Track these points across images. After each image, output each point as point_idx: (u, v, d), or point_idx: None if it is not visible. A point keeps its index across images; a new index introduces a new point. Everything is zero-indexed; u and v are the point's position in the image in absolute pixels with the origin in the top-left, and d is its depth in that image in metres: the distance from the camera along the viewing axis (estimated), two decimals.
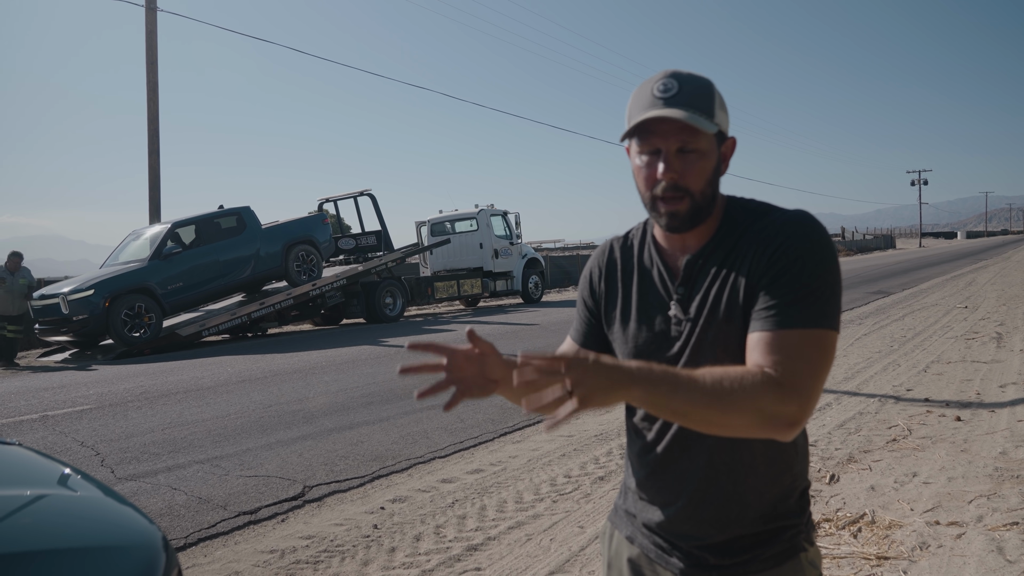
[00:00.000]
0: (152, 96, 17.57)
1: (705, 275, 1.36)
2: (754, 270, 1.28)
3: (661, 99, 1.26)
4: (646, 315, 1.41)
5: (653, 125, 1.27)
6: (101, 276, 13.29)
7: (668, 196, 1.29)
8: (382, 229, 18.52)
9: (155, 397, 8.14)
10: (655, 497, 1.43)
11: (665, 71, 1.31)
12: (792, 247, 1.25)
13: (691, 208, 1.30)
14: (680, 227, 1.32)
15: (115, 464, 5.47)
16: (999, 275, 21.64)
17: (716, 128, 1.28)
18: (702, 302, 1.35)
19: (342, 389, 8.13)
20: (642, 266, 1.45)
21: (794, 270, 1.24)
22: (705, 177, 1.30)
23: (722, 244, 1.36)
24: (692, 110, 1.25)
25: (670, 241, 1.41)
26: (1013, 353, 8.03)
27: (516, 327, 14.13)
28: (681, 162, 1.28)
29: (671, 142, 1.27)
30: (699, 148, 1.28)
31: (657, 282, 1.41)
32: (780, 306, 1.23)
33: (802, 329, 1.21)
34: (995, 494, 3.81)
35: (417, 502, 4.42)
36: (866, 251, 63.43)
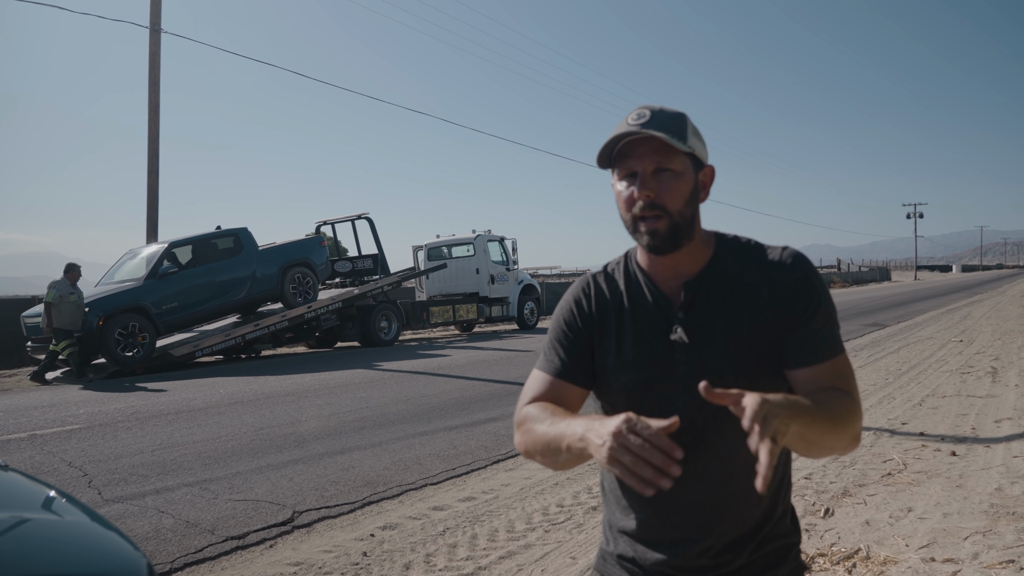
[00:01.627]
0: (153, 116, 17.65)
1: (709, 300, 1.38)
2: (777, 301, 1.35)
3: (635, 125, 1.32)
4: (644, 341, 1.40)
5: (629, 149, 1.34)
6: (96, 295, 13.26)
7: (647, 215, 1.33)
8: (379, 253, 18.53)
9: (146, 418, 8.07)
10: (666, 535, 1.40)
11: (640, 106, 1.39)
12: (811, 284, 1.37)
13: (670, 227, 1.34)
14: (661, 246, 1.35)
15: (103, 485, 5.41)
16: (994, 309, 21.68)
17: (689, 149, 1.33)
18: (710, 327, 1.36)
19: (335, 413, 8.08)
20: (631, 294, 1.45)
21: (821, 306, 1.36)
22: (682, 197, 1.34)
23: (723, 272, 1.39)
24: (664, 132, 1.31)
25: (659, 266, 1.42)
26: (1008, 388, 8.01)
27: (511, 353, 14.10)
28: (656, 182, 1.33)
29: (646, 163, 1.32)
30: (673, 168, 1.33)
31: (652, 308, 1.41)
32: (826, 338, 1.35)
33: (842, 354, 1.36)
34: (991, 531, 3.78)
35: (408, 530, 4.37)
36: (862, 283, 63.59)
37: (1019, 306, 22.07)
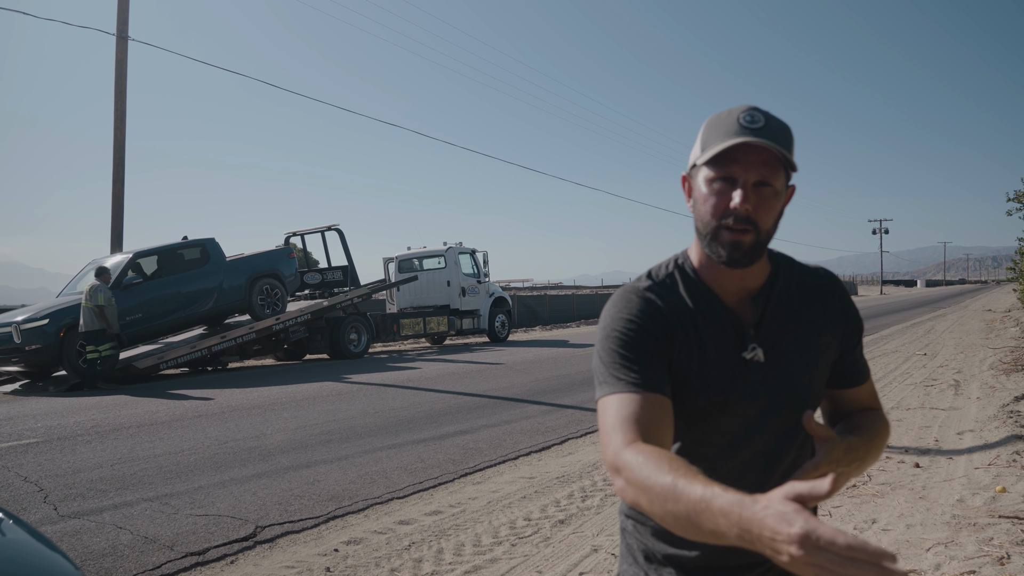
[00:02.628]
0: (119, 125, 17.40)
1: (776, 318, 1.34)
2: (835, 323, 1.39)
3: (749, 128, 1.21)
4: (721, 360, 1.31)
5: (735, 153, 1.23)
6: (57, 305, 12.97)
7: (736, 227, 1.23)
8: (349, 264, 18.40)
9: (106, 431, 7.89)
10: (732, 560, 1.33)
11: (747, 105, 1.27)
12: (855, 307, 1.42)
13: (755, 243, 1.25)
14: (740, 260, 1.25)
15: (59, 501, 5.26)
16: (957, 323, 22.09)
17: (792, 166, 1.26)
18: (783, 344, 1.33)
19: (301, 426, 7.97)
20: (700, 307, 1.33)
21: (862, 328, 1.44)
22: (774, 215, 1.26)
23: (783, 289, 1.36)
24: (779, 144, 1.22)
25: (726, 279, 1.33)
26: (970, 401, 8.14)
27: (482, 366, 14.04)
28: (756, 195, 1.23)
29: (751, 174, 1.22)
30: (775, 186, 1.24)
31: (724, 323, 1.32)
32: (864, 360, 1.44)
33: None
34: (952, 542, 3.81)
35: (372, 544, 4.30)
36: None
37: (981, 320, 22.51)
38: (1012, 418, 6.69)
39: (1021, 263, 13.93)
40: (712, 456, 1.32)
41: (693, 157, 1.30)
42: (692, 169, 1.31)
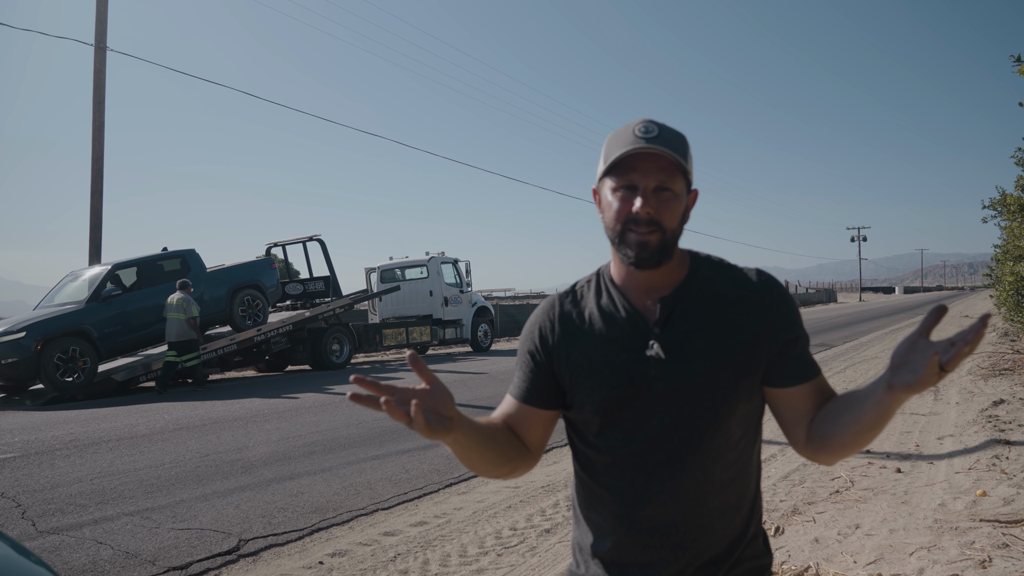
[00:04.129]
0: (98, 136, 17.25)
1: (687, 318, 1.38)
2: (762, 323, 1.38)
3: (643, 138, 1.31)
4: (617, 357, 1.38)
5: (633, 162, 1.32)
6: (34, 318, 12.80)
7: (641, 229, 1.32)
8: (331, 275, 18.32)
9: (85, 445, 7.79)
10: (639, 556, 1.38)
11: (643, 118, 1.38)
12: (792, 306, 1.42)
13: (661, 242, 1.33)
14: (648, 260, 1.34)
15: (37, 516, 5.18)
16: (935, 330, 22.20)
17: (689, 171, 1.35)
18: (690, 343, 1.36)
19: (284, 438, 7.91)
20: (603, 310, 1.43)
21: (802, 327, 1.42)
22: (677, 217, 1.35)
23: (700, 290, 1.40)
24: (672, 150, 1.31)
25: (634, 282, 1.42)
26: (950, 406, 8.22)
27: (465, 375, 14.02)
28: (657, 199, 1.32)
29: (650, 179, 1.32)
30: (674, 189, 1.33)
31: (626, 324, 1.40)
32: (809, 356, 1.42)
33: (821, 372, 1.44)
34: (935, 546, 3.84)
35: (357, 556, 4.27)
36: (809, 304, 65.01)
37: (958, 326, 22.76)
38: (991, 423, 6.77)
39: (997, 270, 14.12)
40: (618, 448, 1.38)
41: (599, 171, 1.40)
42: (599, 182, 1.40)
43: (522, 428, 1.47)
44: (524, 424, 1.47)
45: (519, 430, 1.47)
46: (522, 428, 1.47)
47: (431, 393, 1.23)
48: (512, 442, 1.45)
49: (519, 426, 1.47)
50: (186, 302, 13.08)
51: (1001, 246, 13.90)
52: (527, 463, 1.48)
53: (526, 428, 1.47)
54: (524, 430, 1.47)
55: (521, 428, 1.47)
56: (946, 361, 1.09)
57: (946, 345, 1.11)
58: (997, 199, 11.00)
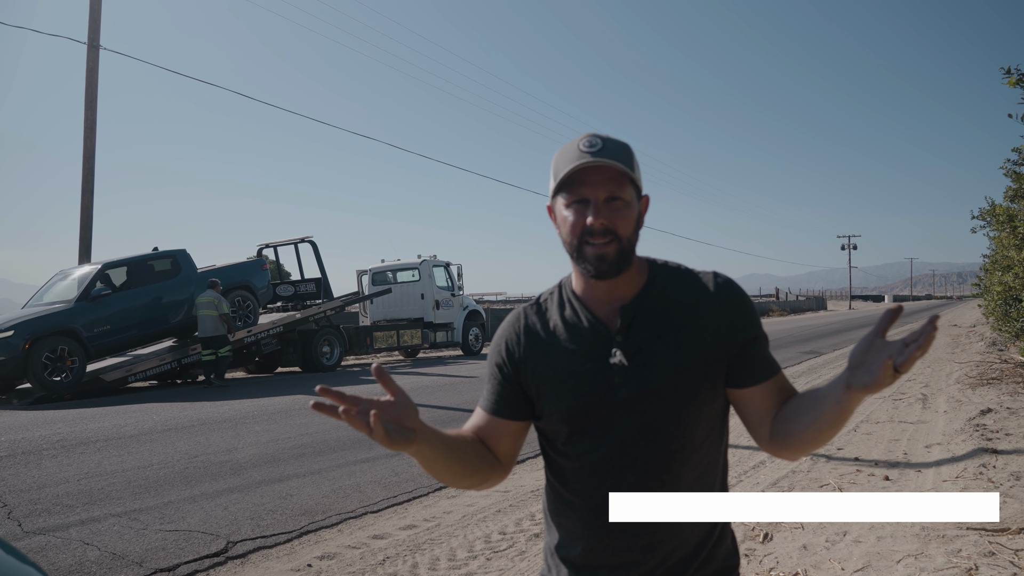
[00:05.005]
0: (89, 134, 17.18)
1: (647, 325, 1.40)
2: (720, 326, 1.40)
3: (588, 152, 1.35)
4: (582, 367, 1.41)
5: (582, 176, 1.36)
6: (22, 317, 12.71)
7: (597, 241, 1.35)
8: (322, 277, 18.28)
9: (72, 445, 7.74)
10: (609, 559, 1.40)
11: (587, 132, 1.41)
12: (749, 307, 1.44)
13: (618, 252, 1.36)
14: (607, 271, 1.37)
15: (23, 517, 5.15)
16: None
17: (637, 179, 1.39)
18: (651, 349, 1.38)
19: (273, 440, 7.88)
20: (566, 321, 1.46)
21: (760, 327, 1.44)
22: (631, 225, 1.38)
23: (659, 296, 1.42)
24: (618, 161, 1.35)
25: (595, 292, 1.44)
26: (938, 414, 8.27)
27: (455, 379, 14.00)
28: (609, 209, 1.35)
29: (599, 191, 1.35)
30: (624, 198, 1.37)
31: (589, 334, 1.42)
32: (769, 356, 1.44)
33: (781, 371, 1.46)
34: (922, 554, 3.86)
35: (346, 559, 4.27)
36: (799, 312, 65.26)
37: (947, 335, 22.91)
38: (978, 431, 6.81)
39: (985, 279, 14.22)
40: (586, 454, 1.40)
41: (550, 189, 1.43)
42: (552, 200, 1.43)
43: (492, 440, 1.50)
44: (494, 436, 1.50)
45: (490, 442, 1.51)
46: (492, 440, 1.50)
47: (394, 405, 1.25)
48: (482, 453, 1.48)
49: (490, 438, 1.51)
50: (217, 299, 13.68)
51: (990, 256, 14.01)
52: (497, 474, 1.51)
53: (496, 440, 1.50)
54: (494, 442, 1.50)
55: (491, 440, 1.50)
56: (900, 363, 1.11)
57: (900, 346, 1.14)
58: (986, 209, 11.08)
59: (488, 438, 1.51)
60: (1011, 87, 6.81)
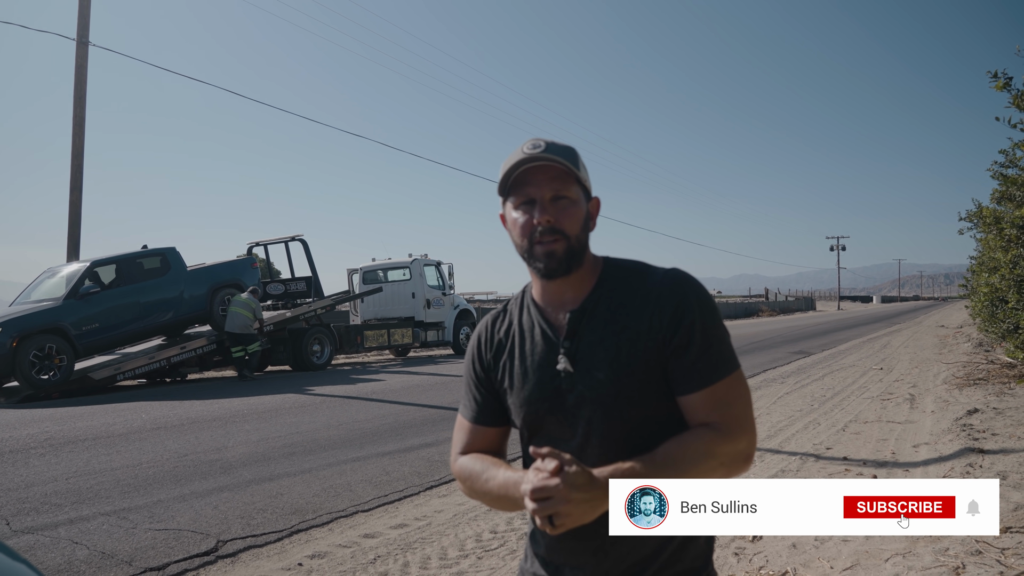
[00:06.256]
0: (78, 131, 17.07)
1: (592, 328, 1.39)
2: (655, 328, 1.36)
3: (531, 153, 1.37)
4: (536, 374, 1.43)
5: (527, 177, 1.37)
6: (9, 314, 12.62)
7: (545, 239, 1.36)
8: (313, 275, 18.23)
9: (60, 444, 7.70)
10: (567, 559, 1.42)
11: (531, 137, 1.43)
12: (688, 306, 1.36)
13: (567, 249, 1.37)
14: (557, 269, 1.37)
15: (11, 516, 5.12)
16: (912, 339, 22.61)
17: (583, 179, 1.40)
18: (594, 354, 1.37)
19: (263, 439, 7.86)
20: (522, 328, 1.48)
21: (698, 327, 1.35)
22: (578, 223, 1.39)
23: (605, 298, 1.41)
24: (562, 160, 1.37)
25: (548, 296, 1.45)
26: (925, 414, 8.33)
27: (446, 378, 14.00)
28: (555, 208, 1.37)
29: (544, 191, 1.37)
30: (570, 196, 1.38)
31: (540, 340, 1.44)
32: (702, 365, 1.35)
33: (726, 378, 1.35)
34: (910, 552, 3.90)
35: (337, 558, 4.26)
36: (788, 312, 65.53)
37: (934, 336, 23.07)
38: (965, 431, 6.86)
39: (972, 280, 14.33)
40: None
41: (500, 195, 1.45)
42: (503, 206, 1.45)
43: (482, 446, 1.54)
44: (484, 443, 1.53)
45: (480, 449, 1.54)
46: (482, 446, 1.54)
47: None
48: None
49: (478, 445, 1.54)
50: (253, 303, 14.54)
51: (976, 258, 14.11)
52: None
53: (483, 445, 1.54)
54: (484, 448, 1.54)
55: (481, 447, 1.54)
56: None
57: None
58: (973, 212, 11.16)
59: (476, 446, 1.54)
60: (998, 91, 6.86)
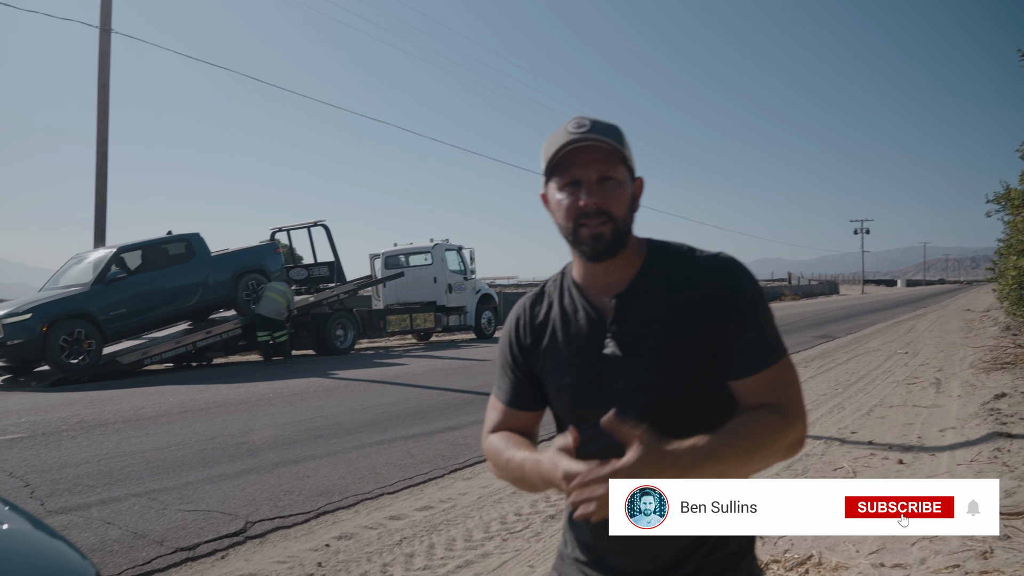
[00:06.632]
0: (102, 119, 17.24)
1: (640, 312, 1.37)
2: (707, 311, 1.33)
3: (577, 132, 1.33)
4: (579, 358, 1.40)
5: (573, 157, 1.34)
6: (39, 300, 12.84)
7: (591, 221, 1.33)
8: (335, 260, 18.34)
9: (91, 426, 7.84)
10: (614, 544, 1.38)
11: (574, 116, 1.38)
12: (740, 291, 1.35)
13: (614, 232, 1.34)
14: (604, 252, 1.35)
15: (45, 496, 5.23)
16: (937, 323, 22.35)
17: (629, 159, 1.37)
18: (643, 338, 1.35)
19: (289, 422, 7.95)
20: (564, 311, 1.45)
21: (751, 312, 1.34)
22: (625, 204, 1.36)
23: (652, 281, 1.39)
24: (608, 139, 1.33)
25: (592, 278, 1.42)
26: (951, 398, 8.25)
27: (469, 362, 14.06)
28: (602, 189, 1.33)
29: (591, 172, 1.33)
30: (617, 177, 1.35)
31: (584, 323, 1.41)
32: (761, 347, 1.34)
33: (779, 362, 1.34)
34: (937, 536, 3.87)
35: (364, 539, 4.32)
36: (811, 296, 64.95)
37: (961, 320, 22.78)
38: (992, 416, 6.79)
39: (1000, 264, 14.12)
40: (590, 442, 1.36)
41: (543, 175, 1.41)
42: (545, 186, 1.41)
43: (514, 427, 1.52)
44: (518, 426, 1.51)
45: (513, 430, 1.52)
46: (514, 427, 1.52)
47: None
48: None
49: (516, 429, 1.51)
50: (289, 292, 15.25)
51: (1004, 240, 13.90)
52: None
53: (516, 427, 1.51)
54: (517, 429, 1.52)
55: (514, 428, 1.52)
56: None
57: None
58: (1001, 194, 10.99)
59: (508, 427, 1.51)
60: None
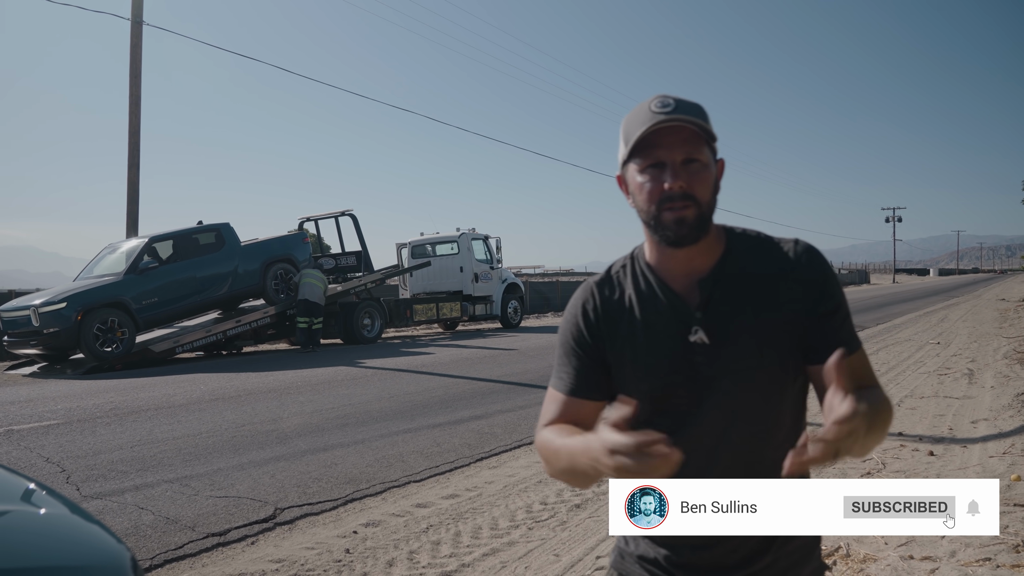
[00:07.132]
0: (134, 109, 17.46)
1: (727, 298, 1.33)
2: (797, 298, 1.33)
3: (662, 112, 1.27)
4: (662, 345, 1.35)
5: (656, 139, 1.27)
6: (74, 289, 13.10)
7: (676, 205, 1.27)
8: (362, 249, 18.45)
9: (125, 414, 8.00)
10: (691, 538, 1.31)
11: (656, 94, 1.32)
12: (830, 277, 1.35)
13: (698, 216, 1.29)
14: (687, 236, 1.29)
15: (81, 481, 5.35)
16: (970, 312, 21.96)
17: (714, 140, 1.31)
18: (732, 325, 1.32)
19: (317, 410, 8.04)
20: (641, 296, 1.38)
21: (842, 299, 1.36)
22: (709, 188, 1.31)
23: (737, 267, 1.35)
24: (695, 119, 1.27)
25: (671, 263, 1.37)
26: (984, 390, 8.12)
27: (495, 351, 14.10)
28: (687, 172, 1.28)
29: (676, 153, 1.27)
30: (702, 159, 1.29)
31: (666, 310, 1.36)
32: (845, 333, 1.33)
33: (862, 346, 1.37)
34: None
35: (391, 527, 4.36)
36: (842, 285, 64.01)
37: (995, 309, 22.37)
38: None
39: None
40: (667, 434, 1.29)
41: (620, 156, 1.34)
42: (623, 167, 1.35)
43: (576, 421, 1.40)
44: (577, 419, 1.40)
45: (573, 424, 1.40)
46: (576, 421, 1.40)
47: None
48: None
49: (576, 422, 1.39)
50: (325, 279, 15.92)
51: None
52: None
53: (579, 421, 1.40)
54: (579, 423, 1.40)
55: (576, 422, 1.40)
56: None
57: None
58: None
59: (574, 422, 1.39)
60: None
